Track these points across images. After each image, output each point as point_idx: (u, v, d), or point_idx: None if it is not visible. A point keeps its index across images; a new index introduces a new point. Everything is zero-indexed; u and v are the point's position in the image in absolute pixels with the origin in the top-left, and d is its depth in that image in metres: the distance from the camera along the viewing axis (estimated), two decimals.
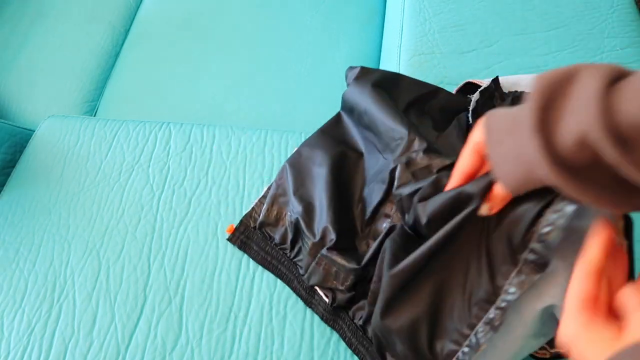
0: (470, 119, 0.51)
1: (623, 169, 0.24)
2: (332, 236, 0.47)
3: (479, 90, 0.52)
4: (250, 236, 0.55)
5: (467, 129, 0.51)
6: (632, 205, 0.28)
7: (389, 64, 0.73)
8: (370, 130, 0.49)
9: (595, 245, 0.29)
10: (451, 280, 0.38)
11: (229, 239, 0.55)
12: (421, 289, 0.39)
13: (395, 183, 0.44)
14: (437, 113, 0.52)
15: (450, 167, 0.38)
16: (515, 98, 0.51)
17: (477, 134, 0.33)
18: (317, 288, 0.50)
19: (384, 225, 0.47)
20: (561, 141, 0.26)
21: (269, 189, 0.55)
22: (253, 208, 0.55)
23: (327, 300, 0.49)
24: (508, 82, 0.53)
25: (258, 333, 0.50)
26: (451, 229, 0.36)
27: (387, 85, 0.50)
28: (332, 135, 0.54)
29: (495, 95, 0.52)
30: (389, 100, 0.48)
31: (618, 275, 0.30)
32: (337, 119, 0.55)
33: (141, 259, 0.55)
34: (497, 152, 0.31)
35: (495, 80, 0.53)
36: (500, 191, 0.33)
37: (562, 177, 0.26)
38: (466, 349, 0.37)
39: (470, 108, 0.51)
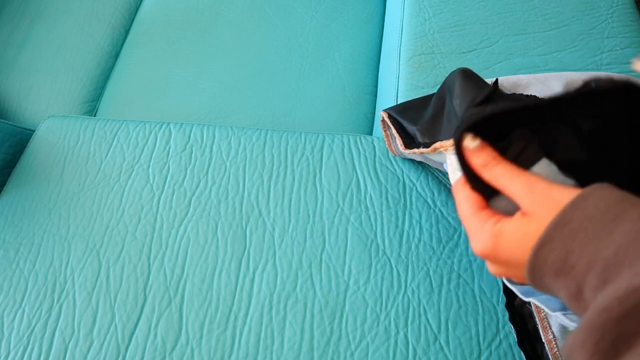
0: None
1: None
2: None
3: (479, 99, 0.51)
4: None
5: None
6: None
7: (389, 64, 0.73)
8: None
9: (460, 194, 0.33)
10: None
11: None
12: None
13: None
14: None
15: None
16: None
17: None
18: None
19: None
20: None
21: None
22: None
23: None
24: (508, 83, 0.53)
25: (258, 333, 0.50)
26: None
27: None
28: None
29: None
30: None
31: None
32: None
33: (141, 259, 0.55)
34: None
35: (495, 84, 0.52)
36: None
37: None
38: None
39: None
